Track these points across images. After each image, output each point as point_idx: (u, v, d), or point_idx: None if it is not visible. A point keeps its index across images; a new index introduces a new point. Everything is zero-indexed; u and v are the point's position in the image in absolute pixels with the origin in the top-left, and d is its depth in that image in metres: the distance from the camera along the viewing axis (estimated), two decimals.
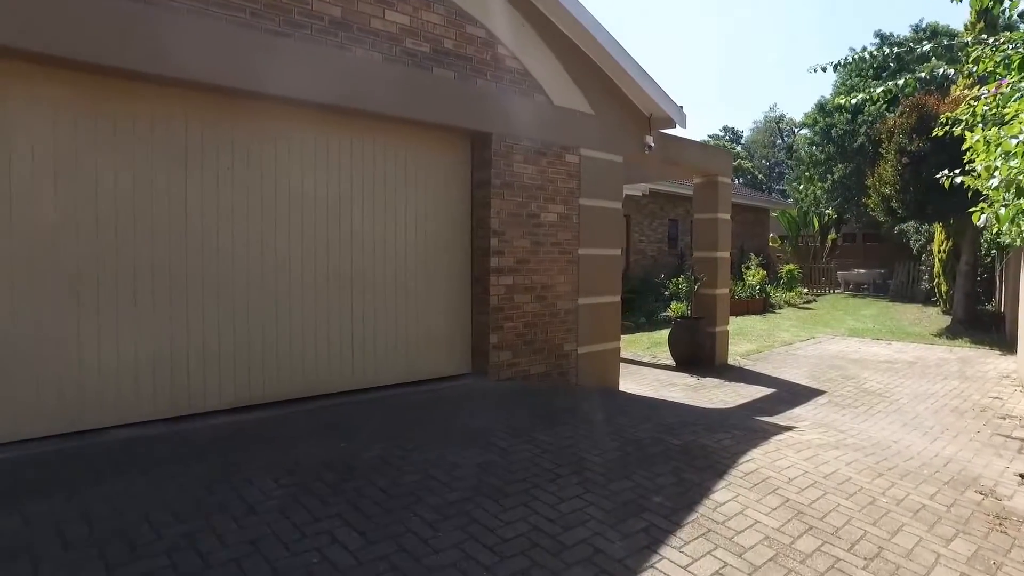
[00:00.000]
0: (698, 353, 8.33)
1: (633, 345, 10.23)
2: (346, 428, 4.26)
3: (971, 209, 4.29)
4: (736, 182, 34.89)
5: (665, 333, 10.14)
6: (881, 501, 3.55)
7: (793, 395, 6.94)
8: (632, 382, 7.58)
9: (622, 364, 8.60)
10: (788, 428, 5.01)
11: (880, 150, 12.20)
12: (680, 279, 8.92)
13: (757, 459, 4.03)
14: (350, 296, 5.15)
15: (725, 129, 59.91)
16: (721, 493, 3.46)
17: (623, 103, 6.96)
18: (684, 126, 7.27)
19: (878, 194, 12.08)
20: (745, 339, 10.97)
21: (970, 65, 4.47)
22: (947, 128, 4.76)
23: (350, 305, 5.15)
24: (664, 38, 77.69)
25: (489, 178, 5.75)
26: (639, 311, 13.71)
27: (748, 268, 17.64)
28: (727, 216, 8.78)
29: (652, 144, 7.18)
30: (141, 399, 4.15)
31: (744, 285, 16.35)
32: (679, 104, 7.26)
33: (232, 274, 4.53)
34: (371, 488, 3.30)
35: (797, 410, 6.23)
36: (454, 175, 5.86)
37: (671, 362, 8.62)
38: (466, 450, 3.89)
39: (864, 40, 20.76)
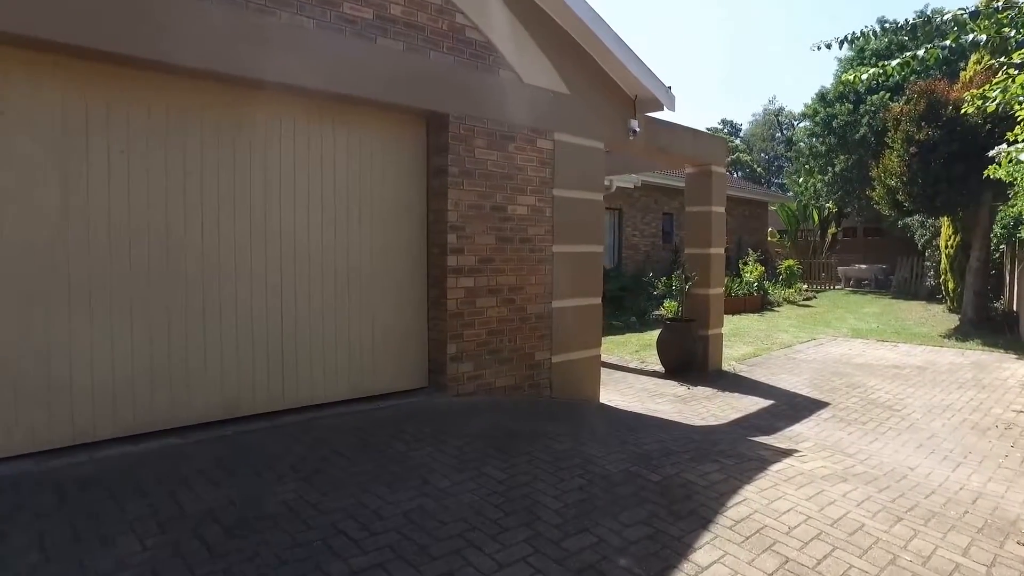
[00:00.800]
0: (689, 359, 7.64)
1: (621, 348, 9.54)
2: (257, 461, 3.55)
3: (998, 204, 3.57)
4: (735, 175, 34.17)
5: (657, 334, 9.47)
6: (903, 559, 2.86)
7: (793, 407, 6.25)
8: (616, 392, 6.88)
9: (607, 370, 7.91)
10: (788, 453, 4.32)
11: (886, 139, 11.49)
12: (671, 277, 8.21)
13: (751, 499, 3.33)
14: (280, 301, 4.44)
15: (724, 122, 59.17)
16: (705, 551, 2.77)
17: (604, 82, 6.24)
18: (673, 108, 6.55)
19: (883, 186, 11.37)
20: (741, 341, 10.28)
21: (1007, 30, 3.76)
22: (978, 104, 4.03)
23: (280, 312, 4.44)
24: (661, 29, 76.79)
25: (446, 165, 5.04)
26: (630, 310, 13.01)
27: (746, 264, 16.95)
28: (722, 209, 8.07)
29: (637, 129, 6.47)
30: (10, 431, 3.44)
31: (741, 282, 15.65)
32: (667, 84, 6.55)
33: (130, 271, 3.82)
34: (263, 549, 2.60)
35: (798, 427, 5.54)
36: (407, 163, 5.15)
37: (660, 368, 7.93)
38: (396, 492, 3.19)
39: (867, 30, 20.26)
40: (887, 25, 5.68)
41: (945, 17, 4.40)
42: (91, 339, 3.68)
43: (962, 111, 4.86)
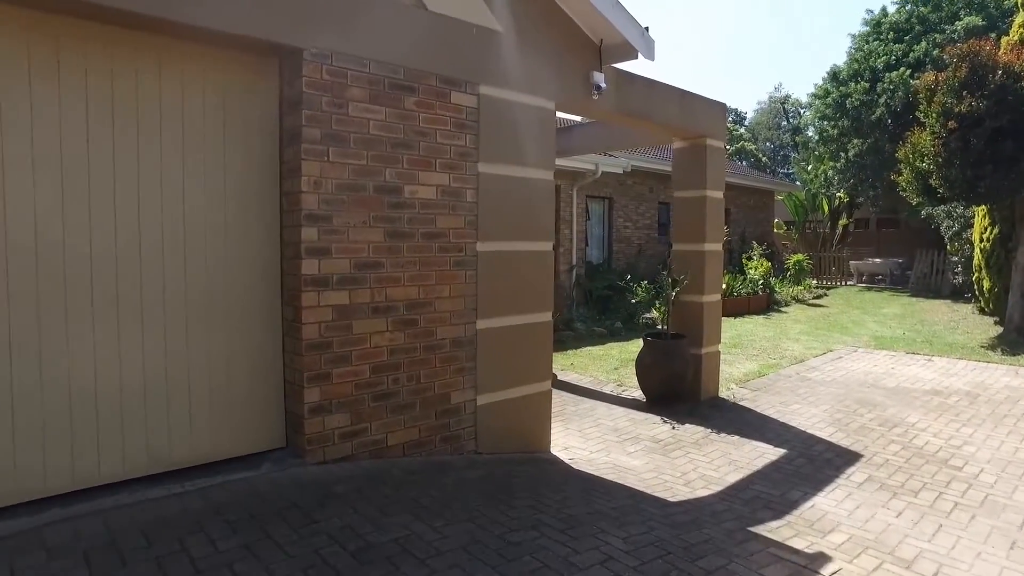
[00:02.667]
0: (677, 385, 5.99)
1: (597, 364, 7.88)
2: None
3: None
4: (740, 164, 32.27)
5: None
6: None
7: (812, 461, 4.59)
8: (576, 433, 5.24)
9: (574, 397, 6.26)
10: (812, 569, 2.68)
11: (917, 114, 9.75)
12: (657, 279, 6.52)
13: None
14: (37, 332, 2.82)
15: (728, 110, 57.29)
16: None
17: (555, 19, 4.56)
18: (651, 57, 4.86)
19: (911, 169, 9.65)
20: (744, 354, 8.61)
21: None
22: None
23: (36, 349, 2.82)
24: (664, 14, 74.51)
25: (300, 126, 3.38)
26: (616, 313, 11.36)
27: (750, 259, 15.26)
28: (719, 194, 6.39)
29: (603, 84, 4.79)
30: None
31: (745, 280, 13.97)
32: (643, 26, 4.86)
33: None
34: None
35: (822, 499, 3.89)
36: (252, 123, 3.50)
37: (641, 395, 6.28)
38: None
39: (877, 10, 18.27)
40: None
41: None
42: None
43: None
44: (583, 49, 4.77)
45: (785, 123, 54.67)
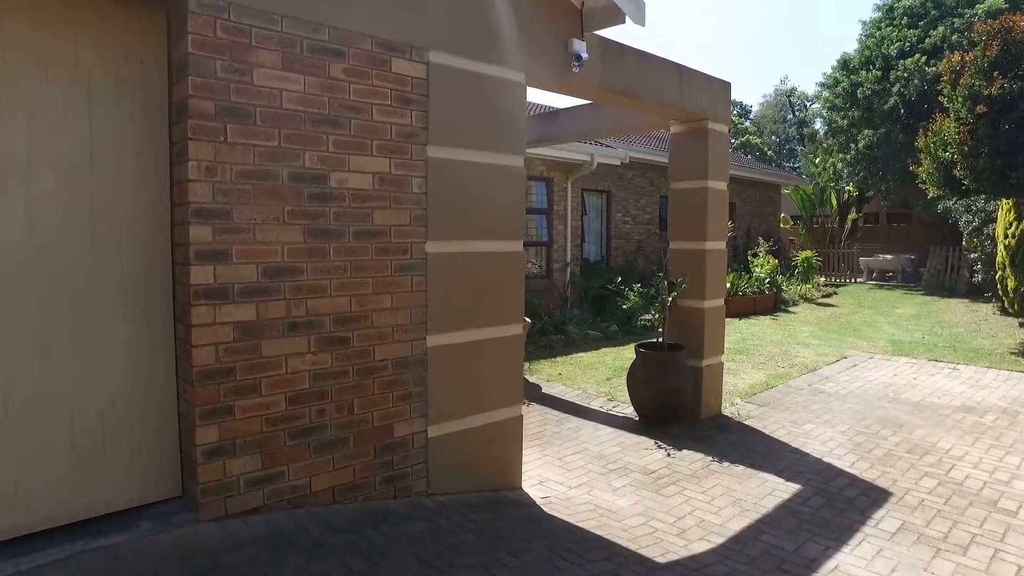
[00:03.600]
0: (674, 403, 5.26)
1: (588, 374, 7.16)
2: None
3: None
4: (746, 157, 31.30)
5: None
6: None
7: (832, 501, 3.87)
8: (555, 462, 4.52)
9: (558, 414, 5.55)
10: None
11: (940, 99, 8.95)
12: (654, 282, 5.79)
13: None
14: None
15: (734, 103, 56.27)
16: None
17: None
18: (641, 22, 4.12)
19: (932, 159, 8.86)
20: (750, 361, 7.87)
21: None
22: None
23: None
24: (665, 3, 73.39)
25: (187, 98, 2.66)
26: (613, 315, 10.61)
27: (756, 256, 14.51)
28: (723, 186, 5.64)
29: (584, 54, 4.05)
30: None
31: (751, 278, 13.22)
32: None
33: None
34: None
35: (847, 557, 3.16)
36: (141, 99, 2.78)
37: (633, 414, 5.56)
38: None
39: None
40: None
41: None
42: None
43: None
44: (560, 11, 4.03)
45: (791, 116, 53.76)
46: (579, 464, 4.50)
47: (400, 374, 3.37)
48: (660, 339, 5.51)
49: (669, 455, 4.69)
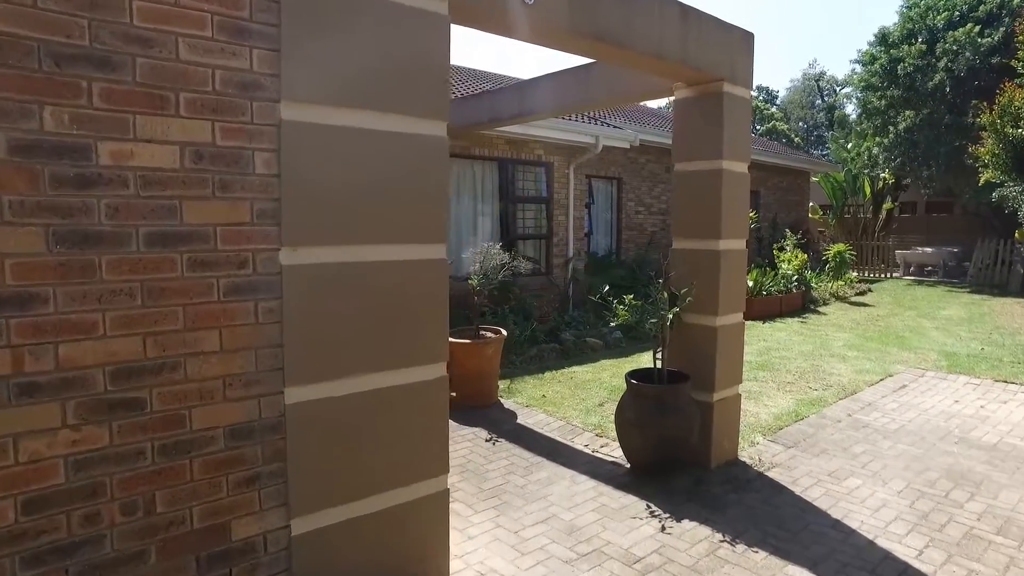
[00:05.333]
0: (675, 449, 4.05)
1: (576, 396, 5.95)
2: None
3: None
4: (773, 143, 29.48)
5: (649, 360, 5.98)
6: None
7: None
8: (508, 539, 3.34)
9: (528, 457, 4.33)
10: None
11: (1014, 62, 7.51)
12: (655, 293, 4.51)
13: None
14: None
15: (759, 89, 54.13)
16: None
17: None
18: None
19: (999, 138, 7.45)
20: (774, 380, 6.60)
21: None
22: None
23: None
24: None
25: None
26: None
27: (782, 250, 13.12)
28: (743, 167, 4.38)
29: None
30: None
31: (776, 275, 11.86)
32: None
33: None
34: None
35: None
36: None
37: (624, 460, 4.35)
38: None
39: None
40: None
41: None
42: None
43: None
44: None
45: (819, 102, 51.59)
46: (541, 544, 3.32)
47: (239, 448, 2.22)
48: (658, 364, 4.28)
49: (664, 529, 3.48)
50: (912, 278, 17.19)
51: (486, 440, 4.85)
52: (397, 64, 2.47)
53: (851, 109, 21.53)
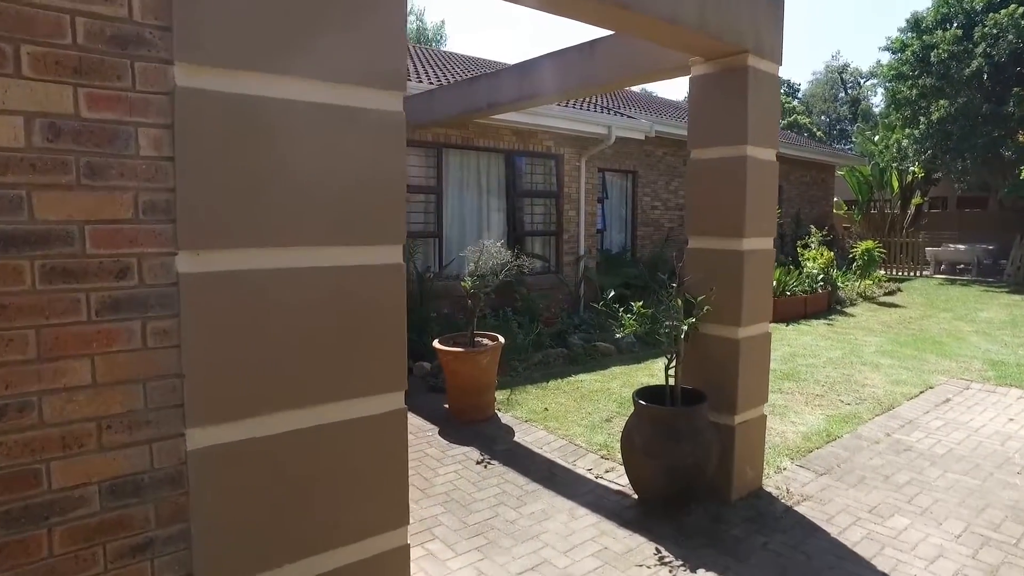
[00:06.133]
0: (689, 479, 3.50)
1: (582, 409, 5.41)
2: None
3: None
4: (796, 136, 28.54)
5: (661, 371, 5.46)
6: None
7: None
8: None
9: (522, 484, 3.78)
10: None
11: None
12: (667, 300, 3.94)
13: None
14: None
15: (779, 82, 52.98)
16: None
17: None
18: None
19: None
20: (801, 392, 6.00)
21: None
22: None
23: None
24: None
25: None
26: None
27: (806, 247, 12.44)
28: (770, 154, 3.81)
29: None
30: None
31: (801, 274, 11.20)
32: None
33: None
34: None
35: None
36: None
37: (631, 490, 3.81)
38: None
39: None
40: None
41: None
42: None
43: None
44: None
45: (843, 95, 50.31)
46: None
47: (122, 508, 1.72)
48: (671, 381, 3.72)
49: None
50: (943, 277, 16.36)
51: (477, 462, 4.33)
52: (337, 16, 1.95)
53: (879, 98, 20.65)
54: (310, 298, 1.96)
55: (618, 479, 4.04)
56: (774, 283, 10.16)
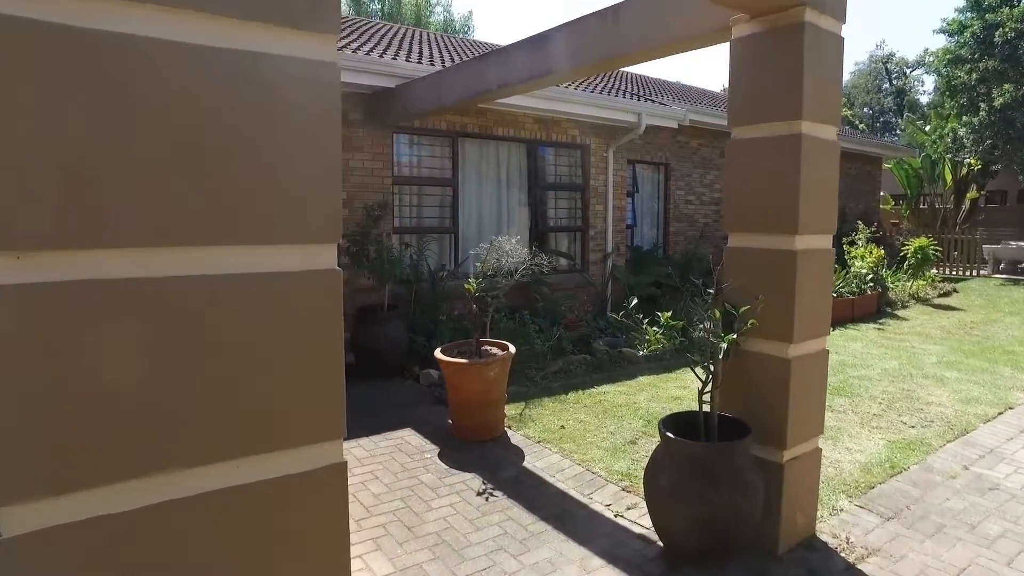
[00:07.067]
0: (729, 530, 2.85)
1: (603, 428, 4.78)
2: None
3: None
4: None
5: (694, 383, 4.88)
6: None
7: None
8: None
9: (528, 522, 3.18)
10: None
11: None
12: (700, 311, 3.28)
13: None
14: None
15: None
16: None
17: None
18: None
19: None
20: (855, 410, 5.27)
21: None
22: None
23: None
24: None
25: None
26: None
27: (854, 244, 11.53)
28: (831, 132, 3.12)
29: None
30: None
31: (847, 273, 10.35)
32: None
33: None
34: None
35: None
36: None
37: (654, 532, 3.17)
38: None
39: None
40: None
41: None
42: None
43: None
44: None
45: (887, 86, 48.26)
46: None
47: None
48: (705, 408, 3.07)
49: None
50: (1004, 277, 15.18)
51: (478, 493, 3.75)
52: None
53: (929, 86, 19.42)
54: (198, 320, 1.39)
55: (641, 519, 3.42)
56: None
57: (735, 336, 2.93)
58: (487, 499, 3.68)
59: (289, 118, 1.47)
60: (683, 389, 5.77)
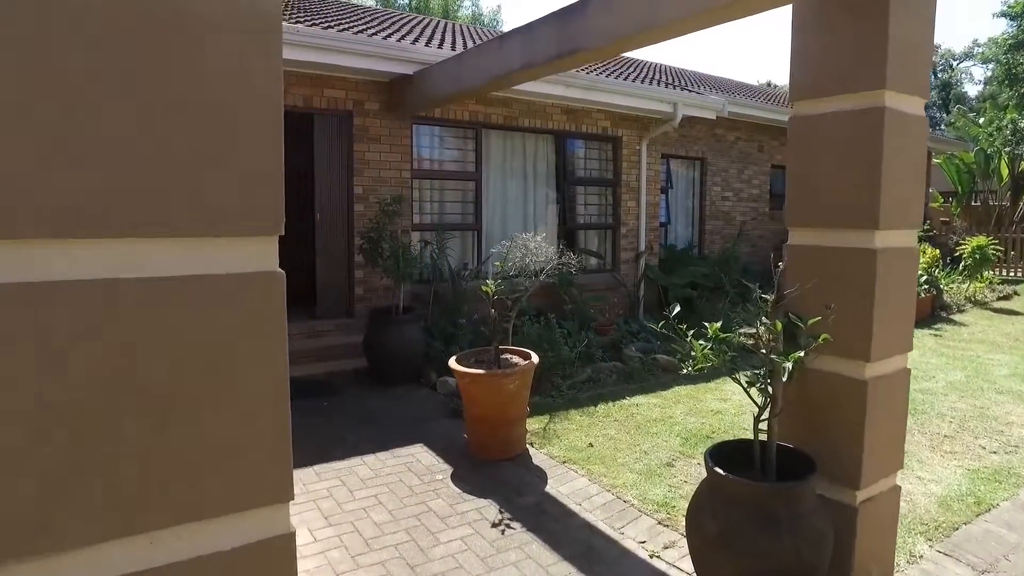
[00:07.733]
0: None
1: (635, 446, 4.29)
2: None
3: None
4: None
5: (735, 394, 4.45)
6: None
7: None
8: None
9: (546, 563, 2.74)
10: None
11: None
12: (757, 318, 2.77)
13: None
14: None
15: None
16: None
17: None
18: None
19: None
20: (923, 431, 4.67)
21: None
22: None
23: None
24: None
25: None
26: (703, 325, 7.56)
27: None
28: (919, 105, 2.59)
29: None
30: None
31: None
32: None
33: None
34: None
35: None
36: None
37: None
38: None
39: None
40: None
41: None
42: None
43: None
44: None
45: (933, 79, 46.41)
46: None
47: None
48: (762, 437, 2.57)
49: None
50: None
51: (493, 524, 3.30)
52: None
53: (981, 73, 18.31)
54: (86, 342, 0.97)
55: (680, 560, 2.93)
56: None
57: (802, 354, 2.41)
58: (503, 532, 3.23)
59: (227, 83, 1.03)
60: (723, 402, 5.23)
